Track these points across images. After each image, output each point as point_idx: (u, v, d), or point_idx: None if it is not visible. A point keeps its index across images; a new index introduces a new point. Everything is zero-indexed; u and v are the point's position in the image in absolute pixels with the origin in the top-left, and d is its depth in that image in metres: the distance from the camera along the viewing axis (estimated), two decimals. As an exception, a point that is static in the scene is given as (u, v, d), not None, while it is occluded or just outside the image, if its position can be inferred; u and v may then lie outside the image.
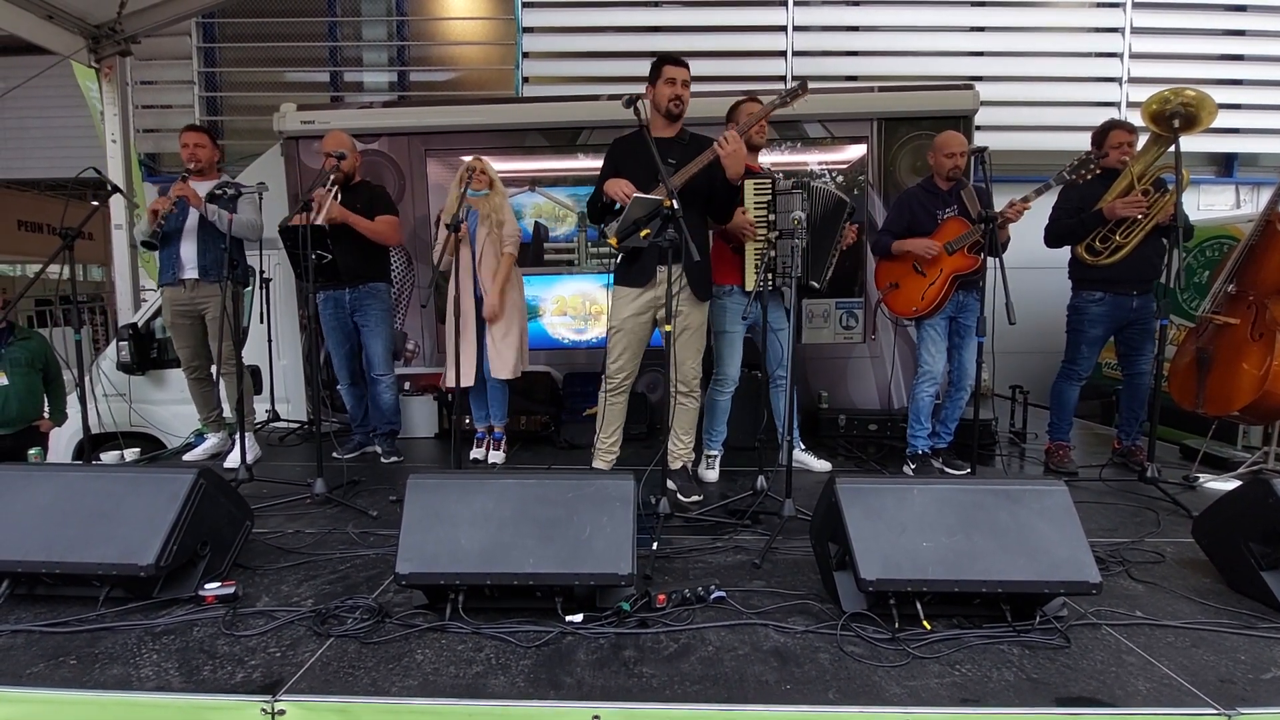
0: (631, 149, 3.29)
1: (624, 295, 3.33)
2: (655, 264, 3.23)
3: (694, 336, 3.31)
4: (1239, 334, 3.49)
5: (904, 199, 3.79)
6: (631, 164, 3.24)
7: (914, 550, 2.05)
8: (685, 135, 3.29)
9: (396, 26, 7.14)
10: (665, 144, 3.23)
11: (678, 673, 1.83)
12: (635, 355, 3.37)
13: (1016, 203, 3.42)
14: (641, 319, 3.33)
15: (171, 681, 1.80)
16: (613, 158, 3.35)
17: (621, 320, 3.32)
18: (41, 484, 2.33)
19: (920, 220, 3.66)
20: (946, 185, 3.64)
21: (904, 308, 3.73)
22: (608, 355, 3.39)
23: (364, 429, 4.21)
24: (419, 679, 1.80)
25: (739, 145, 3.07)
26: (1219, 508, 2.43)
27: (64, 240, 3.21)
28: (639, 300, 3.29)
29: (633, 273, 3.28)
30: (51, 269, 3.35)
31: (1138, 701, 1.71)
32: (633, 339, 3.33)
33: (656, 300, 3.28)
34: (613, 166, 3.31)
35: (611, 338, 3.37)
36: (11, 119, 7.73)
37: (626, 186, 3.15)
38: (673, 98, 3.19)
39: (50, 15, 5.14)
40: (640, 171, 3.18)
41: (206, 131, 4.11)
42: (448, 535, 2.11)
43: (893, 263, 3.76)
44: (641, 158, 3.20)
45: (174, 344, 4.05)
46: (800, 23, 6.76)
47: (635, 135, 3.31)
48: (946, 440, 3.82)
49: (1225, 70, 6.89)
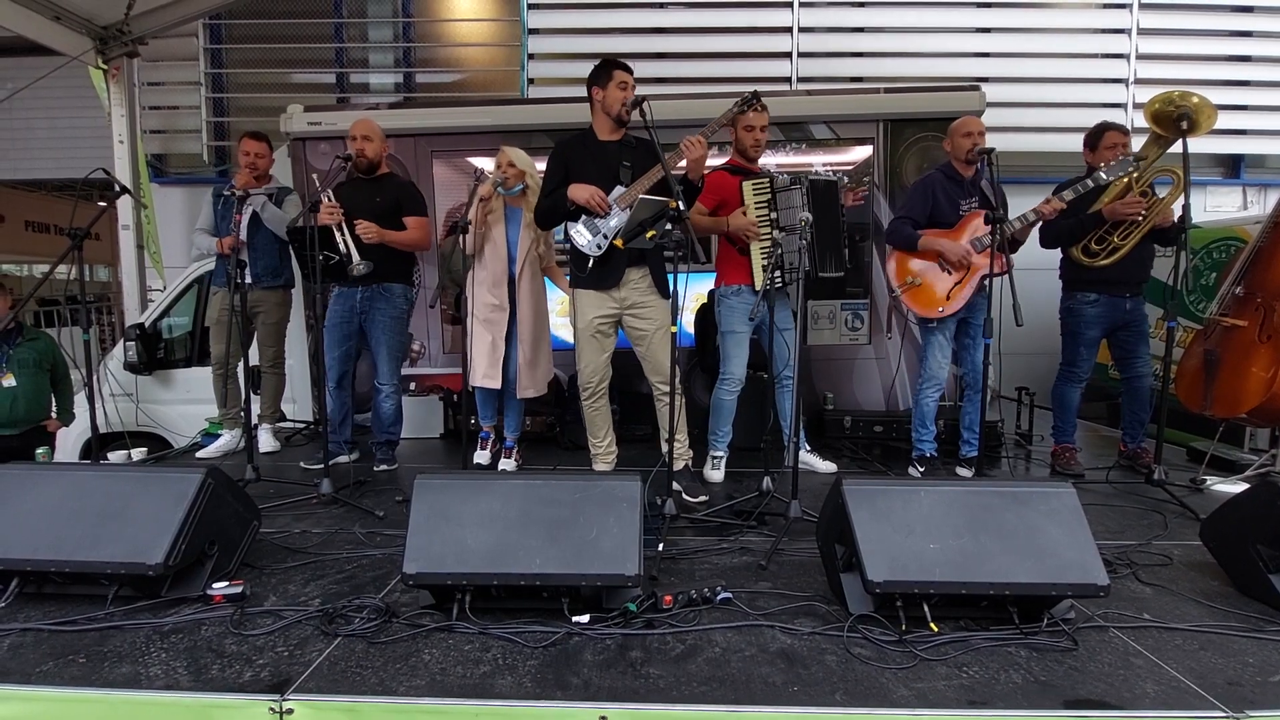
0: (583, 151, 3.26)
1: (589, 298, 3.30)
2: (624, 266, 3.23)
3: (665, 334, 3.24)
4: (1247, 336, 3.48)
5: (926, 183, 3.64)
6: (585, 167, 3.22)
7: (921, 552, 2.05)
8: (631, 139, 3.28)
9: (402, 28, 7.14)
10: (615, 147, 3.24)
11: (684, 674, 1.83)
12: (605, 358, 3.36)
13: (1053, 200, 3.39)
14: (609, 321, 3.32)
15: (180, 680, 1.81)
16: (562, 161, 3.28)
17: (588, 323, 3.30)
18: (50, 483, 2.34)
19: (943, 209, 3.55)
20: (968, 171, 3.56)
21: (927, 306, 3.58)
22: (578, 362, 3.37)
23: (339, 438, 3.94)
24: (426, 679, 1.80)
25: (703, 150, 3.07)
26: (1227, 510, 2.42)
27: (73, 240, 3.22)
28: (606, 303, 3.28)
29: (601, 275, 3.25)
30: (59, 269, 3.37)
31: (1146, 704, 1.70)
32: (601, 341, 3.33)
33: (625, 301, 3.28)
34: (562, 170, 3.26)
35: (579, 343, 3.35)
36: (19, 120, 7.76)
37: (598, 194, 3.14)
38: (624, 102, 3.15)
39: (58, 16, 5.16)
40: (596, 175, 3.18)
41: (265, 139, 4.16)
42: (454, 535, 2.12)
43: (913, 255, 3.60)
44: (597, 161, 3.22)
45: (211, 340, 4.30)
46: (806, 24, 6.74)
47: (580, 138, 3.31)
48: (975, 447, 3.55)
49: (1232, 71, 6.85)
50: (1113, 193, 3.57)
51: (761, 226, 3.48)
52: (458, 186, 4.90)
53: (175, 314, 5.18)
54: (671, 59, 6.82)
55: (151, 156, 6.84)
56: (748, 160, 3.66)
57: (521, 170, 3.52)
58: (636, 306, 3.29)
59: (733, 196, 3.54)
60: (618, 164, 3.22)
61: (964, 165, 3.57)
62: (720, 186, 3.55)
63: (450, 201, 4.92)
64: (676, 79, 6.62)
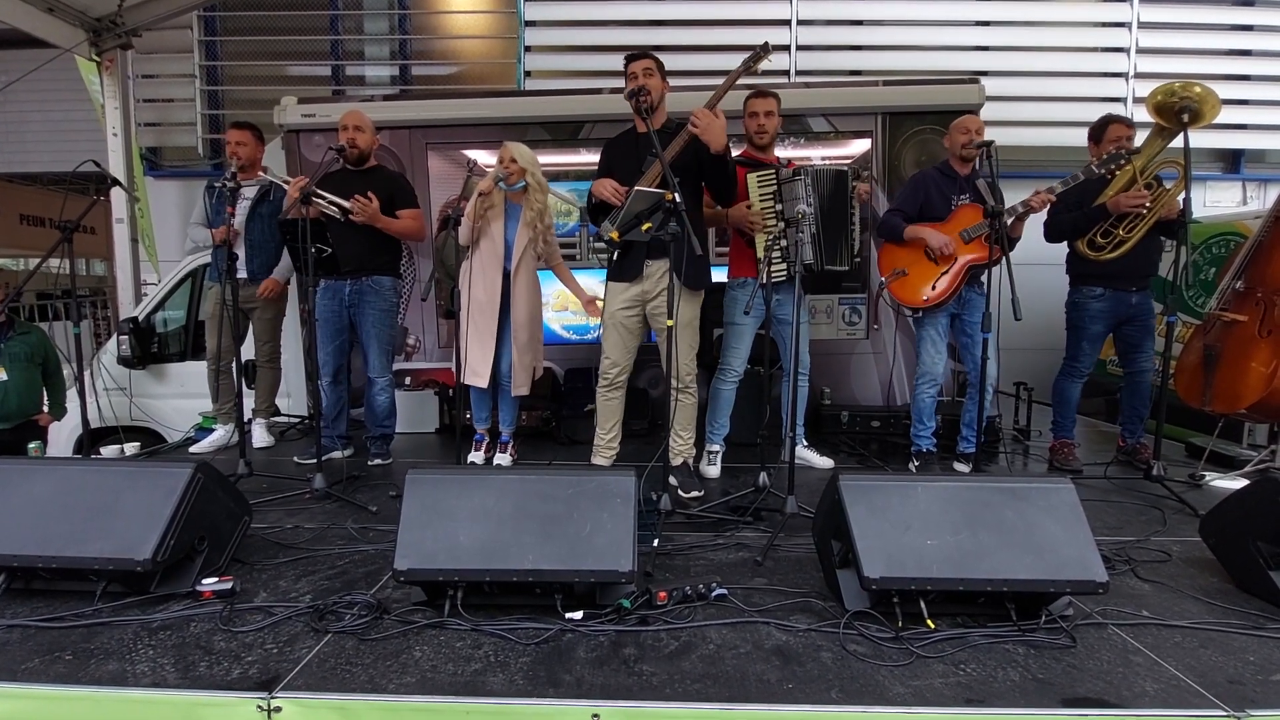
0: (620, 147, 3.35)
1: (614, 290, 3.35)
2: (644, 258, 3.25)
3: (686, 330, 3.28)
4: (1247, 331, 3.45)
5: (919, 179, 3.66)
6: (621, 162, 3.29)
7: (918, 548, 2.03)
8: (672, 124, 3.28)
9: (398, 20, 7.10)
10: (647, 138, 3.19)
11: (678, 671, 1.81)
12: (628, 350, 3.39)
13: (1042, 192, 3.35)
14: (630, 313, 3.34)
15: (167, 677, 1.79)
16: (606, 159, 3.39)
17: (611, 314, 3.34)
18: (39, 478, 2.31)
19: (934, 203, 3.55)
20: (964, 169, 3.55)
21: (912, 296, 3.58)
22: (602, 351, 3.41)
23: (332, 433, 3.94)
24: (417, 676, 1.78)
25: (710, 119, 3.04)
26: (1226, 506, 2.41)
27: (63, 233, 3.19)
28: (628, 294, 3.30)
29: (622, 267, 3.29)
30: (51, 262, 3.34)
31: (1145, 703, 1.68)
32: (623, 333, 3.35)
33: (645, 294, 3.30)
34: (606, 168, 3.34)
35: (604, 332, 3.39)
36: (13, 113, 7.70)
37: (610, 186, 3.18)
38: (632, 91, 3.13)
39: (51, 8, 5.11)
40: (629, 169, 3.22)
41: (250, 128, 4.12)
42: (447, 531, 2.10)
43: (901, 247, 3.62)
44: (629, 155, 3.25)
45: (206, 334, 4.29)
46: (805, 17, 6.71)
47: (624, 134, 3.37)
48: (973, 443, 3.49)
49: (1233, 65, 6.83)
50: (1118, 185, 3.55)
51: (767, 219, 3.44)
52: (453, 179, 4.87)
53: (169, 308, 5.14)
54: (669, 51, 6.74)
55: (146, 150, 6.80)
56: (757, 149, 3.60)
57: (523, 167, 3.47)
58: (657, 299, 3.27)
59: (740, 188, 3.49)
60: (645, 155, 3.21)
61: (960, 162, 3.56)
62: None
63: (445, 194, 4.88)
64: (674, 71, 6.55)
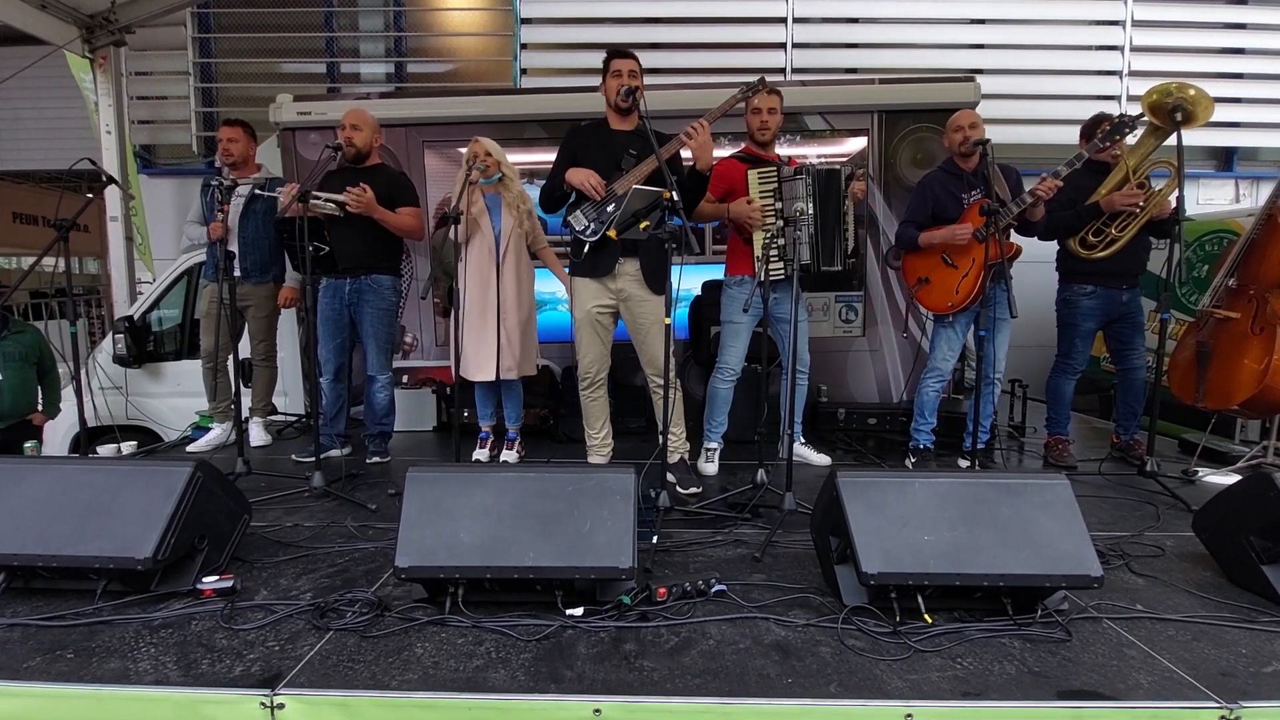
0: (592, 140, 3.28)
1: (584, 286, 3.32)
2: (618, 255, 3.23)
3: (656, 326, 3.24)
4: (1239, 328, 3.48)
5: (925, 184, 3.62)
6: (593, 156, 3.23)
7: (915, 544, 2.05)
8: (644, 127, 3.23)
9: (394, 17, 7.08)
10: (625, 136, 3.23)
11: (679, 666, 1.82)
12: (605, 348, 3.37)
13: (1048, 178, 3.32)
14: (607, 311, 3.32)
15: (169, 675, 1.79)
16: (570, 146, 3.30)
17: (585, 313, 3.31)
18: (37, 477, 2.31)
19: (945, 205, 3.52)
20: (968, 165, 3.53)
21: (938, 303, 3.55)
22: (577, 352, 3.39)
23: (331, 431, 3.93)
24: (419, 672, 1.79)
25: (707, 135, 3.05)
26: (1219, 502, 2.43)
27: (58, 232, 3.18)
28: (603, 292, 3.29)
29: (595, 262, 3.26)
30: (46, 261, 3.33)
31: (1139, 695, 1.70)
32: (599, 331, 3.34)
33: (620, 292, 3.29)
34: (571, 156, 3.27)
35: (578, 332, 3.36)
36: (5, 110, 7.65)
37: (594, 177, 3.14)
38: (619, 89, 3.13)
39: (44, 5, 5.08)
40: (601, 162, 3.18)
41: (241, 124, 4.12)
42: (447, 529, 2.10)
43: (919, 256, 3.61)
44: (605, 150, 3.21)
45: (201, 333, 4.28)
46: (800, 15, 6.72)
47: (593, 125, 3.32)
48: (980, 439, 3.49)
49: (1226, 64, 6.87)
50: (1110, 184, 3.57)
51: (767, 216, 3.44)
52: (449, 177, 4.86)
53: (165, 306, 5.13)
54: (665, 49, 6.77)
55: (140, 147, 6.77)
56: (759, 146, 3.59)
57: (497, 160, 3.53)
58: (632, 299, 3.28)
59: (740, 184, 3.49)
60: (623, 153, 3.21)
61: (963, 159, 3.54)
62: (729, 174, 3.52)
63: (442, 192, 4.88)
64: (670, 69, 6.57)
